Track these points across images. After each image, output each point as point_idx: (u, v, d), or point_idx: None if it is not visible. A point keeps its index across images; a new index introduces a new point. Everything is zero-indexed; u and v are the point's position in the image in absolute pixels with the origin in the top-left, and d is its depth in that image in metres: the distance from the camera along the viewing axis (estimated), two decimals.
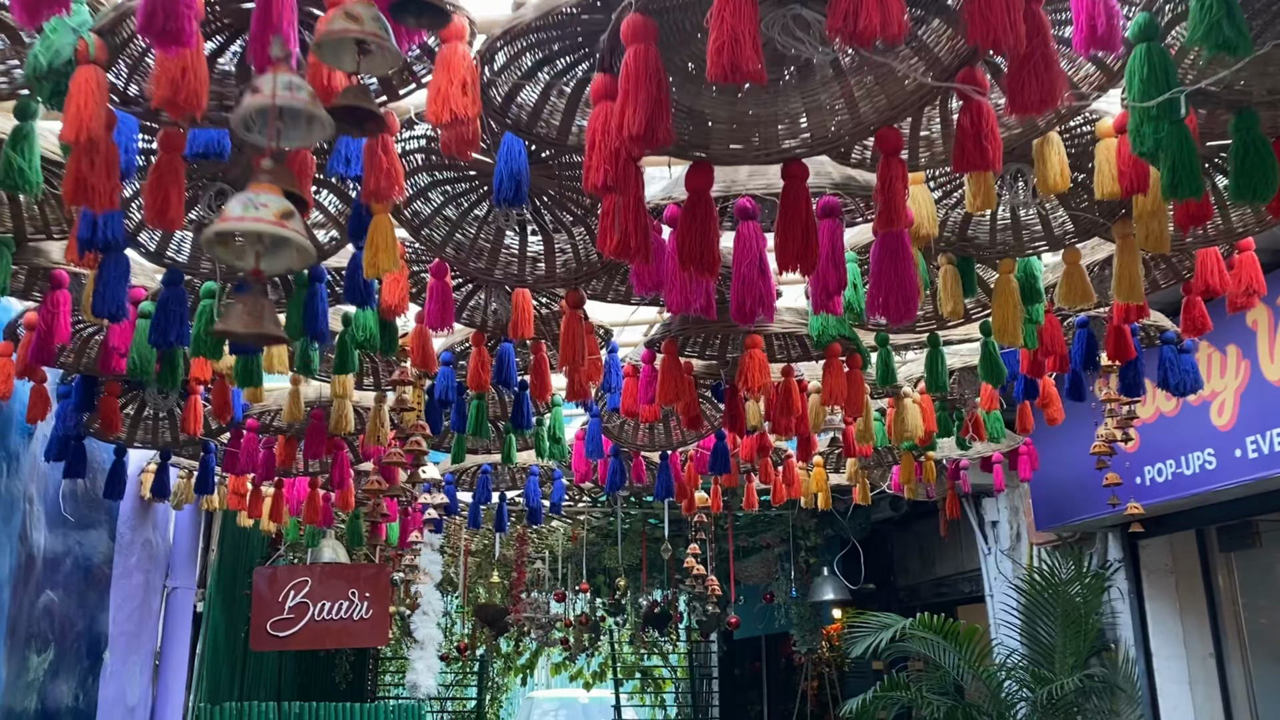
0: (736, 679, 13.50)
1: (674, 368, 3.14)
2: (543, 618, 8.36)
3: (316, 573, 6.75)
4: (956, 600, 8.25)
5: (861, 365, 3.34)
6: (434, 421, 3.62)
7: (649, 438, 4.69)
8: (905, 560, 9.05)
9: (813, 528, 7.96)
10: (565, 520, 8.03)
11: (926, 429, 4.39)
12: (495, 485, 5.68)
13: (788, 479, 5.37)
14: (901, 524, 8.88)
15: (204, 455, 4.23)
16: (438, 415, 3.64)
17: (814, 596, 7.83)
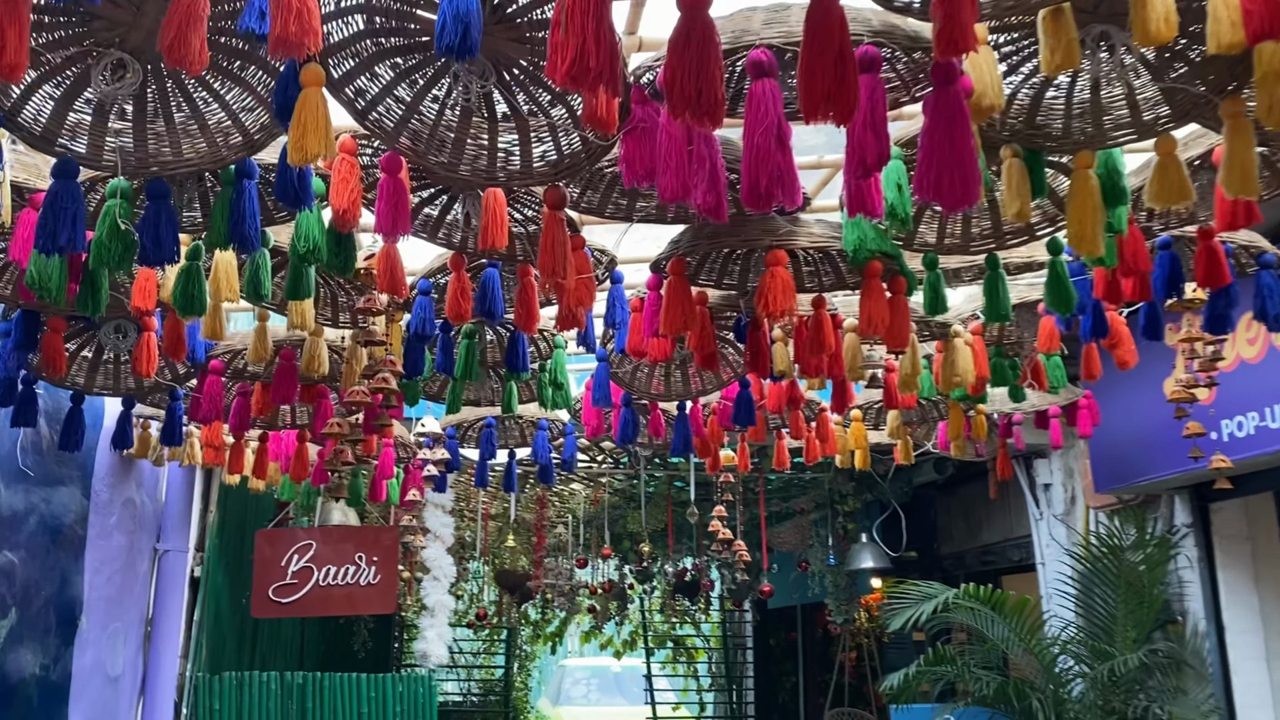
0: (771, 649, 13.09)
1: (681, 292, 2.66)
2: (565, 584, 7.96)
3: (322, 535, 6.38)
4: (1004, 569, 7.73)
5: (906, 291, 2.84)
6: (414, 361, 3.17)
7: (664, 386, 4.22)
8: (949, 526, 8.53)
9: (850, 491, 7.47)
10: (585, 482, 7.60)
11: (979, 374, 3.87)
12: (503, 441, 5.24)
13: (822, 435, 4.88)
14: (945, 488, 8.36)
15: (170, 403, 3.82)
16: (418, 354, 3.18)
17: (852, 564, 7.36)
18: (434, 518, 6.37)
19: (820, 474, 7.43)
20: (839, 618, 7.54)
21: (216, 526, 6.39)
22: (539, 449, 4.77)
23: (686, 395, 4.22)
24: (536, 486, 7.43)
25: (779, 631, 13.00)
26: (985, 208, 2.93)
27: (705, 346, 3.00)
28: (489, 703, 12.73)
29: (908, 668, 5.42)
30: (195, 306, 2.70)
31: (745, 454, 5.30)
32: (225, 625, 6.79)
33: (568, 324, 2.64)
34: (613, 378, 4.03)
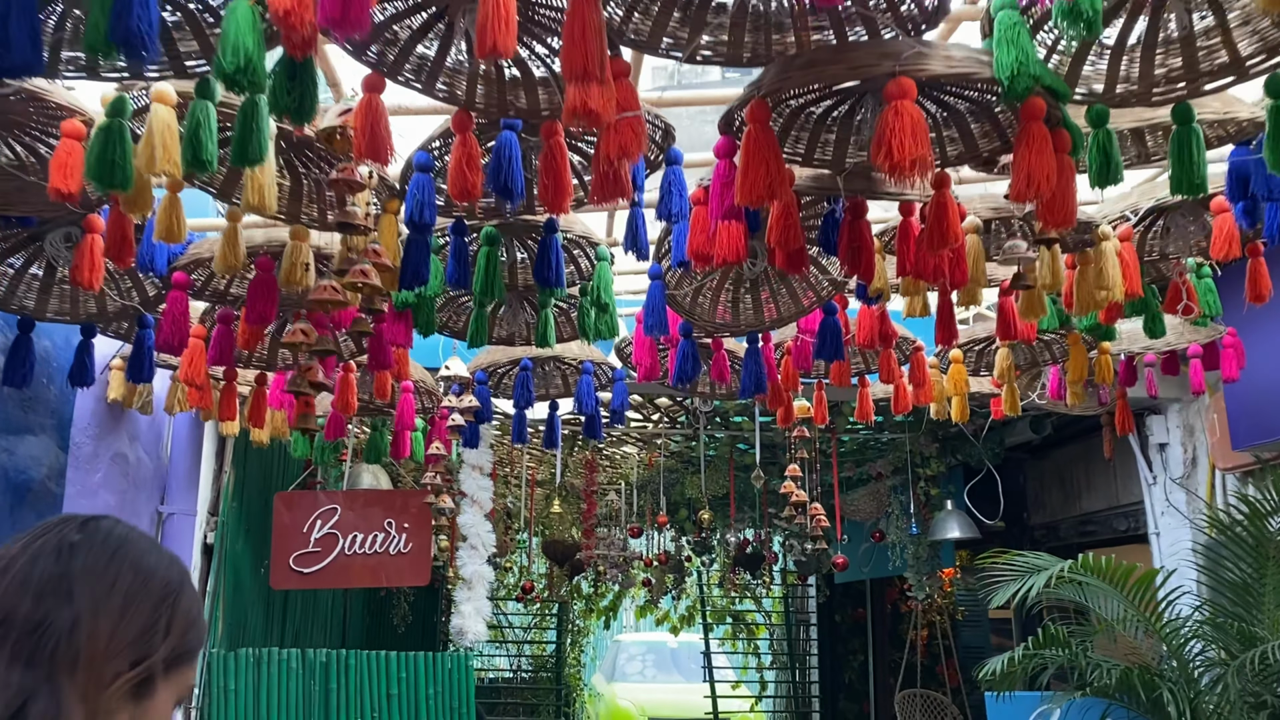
0: (837, 626, 12.37)
1: (763, 145, 1.93)
2: (618, 556, 7.30)
3: (347, 499, 5.78)
4: (1107, 540, 6.90)
5: (1071, 150, 2.08)
6: (415, 265, 2.48)
7: (731, 314, 3.48)
8: (1041, 494, 7.70)
9: (934, 454, 6.68)
10: (639, 443, 6.91)
11: (1129, 291, 3.09)
12: (543, 390, 4.56)
13: (916, 379, 4.12)
14: (1038, 451, 7.54)
15: (138, 331, 3.19)
16: (419, 255, 2.49)
17: (935, 534, 6.59)
18: (471, 480, 5.74)
19: (899, 435, 6.66)
20: (920, 593, 6.78)
21: (234, 488, 5.81)
22: (583, 396, 4.08)
23: (758, 326, 3.49)
24: (585, 447, 6.76)
25: (846, 608, 12.26)
26: (1175, 39, 2.16)
27: (789, 237, 2.26)
28: (540, 679, 12.18)
29: (1012, 651, 4.66)
30: (116, 178, 2.03)
31: (823, 404, 4.56)
32: (248, 598, 6.24)
33: (608, 190, 1.92)
34: (670, 303, 3.31)
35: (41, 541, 1.06)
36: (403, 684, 5.50)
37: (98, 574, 1.04)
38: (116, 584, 1.05)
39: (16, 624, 0.99)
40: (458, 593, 5.60)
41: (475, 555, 5.66)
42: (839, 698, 12.16)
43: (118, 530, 1.11)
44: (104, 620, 1.02)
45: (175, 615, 1.09)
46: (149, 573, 1.08)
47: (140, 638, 1.05)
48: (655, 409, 6.50)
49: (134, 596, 1.05)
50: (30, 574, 1.02)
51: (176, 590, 1.10)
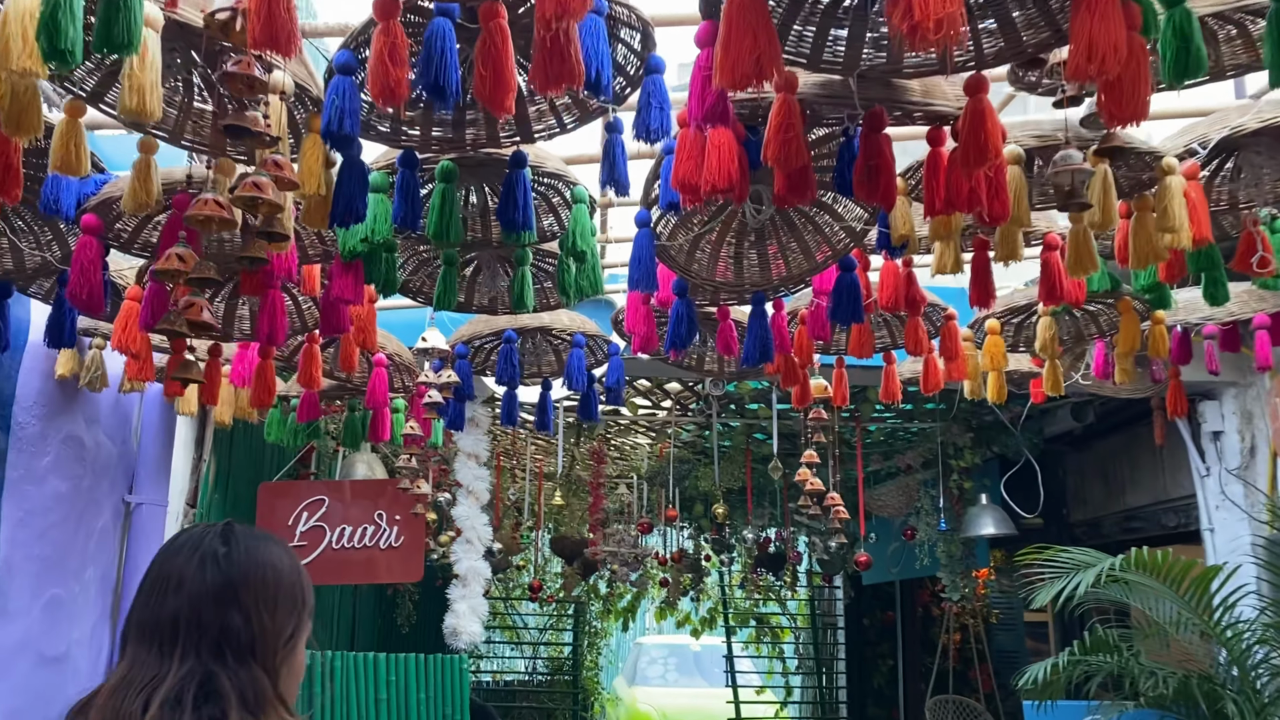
0: (865, 630, 11.88)
1: (751, 8, 1.51)
2: (629, 553, 6.90)
3: (335, 490, 5.42)
4: (1155, 538, 6.39)
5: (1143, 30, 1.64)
6: (348, 195, 2.09)
7: (734, 272, 3.06)
8: (1081, 488, 7.21)
9: (967, 444, 6.22)
10: (648, 432, 6.50)
11: (1197, 236, 2.64)
12: (534, 368, 4.17)
13: (948, 351, 3.67)
14: (1078, 442, 7.05)
15: (58, 290, 2.82)
16: (353, 183, 2.10)
17: (968, 531, 6.12)
18: (466, 470, 5.36)
19: (930, 424, 6.21)
20: (954, 594, 6.31)
21: (217, 478, 5.46)
22: (573, 372, 3.67)
23: (764, 284, 3.06)
24: (591, 437, 6.36)
25: (874, 610, 11.77)
26: None
27: (791, 151, 1.85)
28: (556, 682, 11.79)
29: (1055, 657, 4.20)
30: None
31: (843, 382, 4.13)
32: None
33: (552, 70, 1.52)
34: (663, 258, 2.90)
35: (198, 555, 1.35)
36: (391, 687, 5.13)
37: (252, 580, 1.35)
38: (266, 584, 1.36)
39: (207, 627, 1.29)
40: (452, 590, 5.21)
41: (471, 550, 5.27)
42: (867, 704, 11.68)
43: (248, 536, 1.41)
44: (266, 615, 1.34)
45: (303, 592, 1.44)
46: (281, 568, 1.40)
47: (289, 617, 1.38)
48: (665, 394, 6.09)
49: (280, 590, 1.37)
50: (203, 585, 1.32)
51: (298, 574, 1.44)
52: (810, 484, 4.21)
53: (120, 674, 1.30)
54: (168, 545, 1.41)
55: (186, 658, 1.28)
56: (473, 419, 5.44)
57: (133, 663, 1.30)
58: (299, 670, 1.44)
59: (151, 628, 1.32)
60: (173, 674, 1.26)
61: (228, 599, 1.33)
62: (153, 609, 1.33)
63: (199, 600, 1.32)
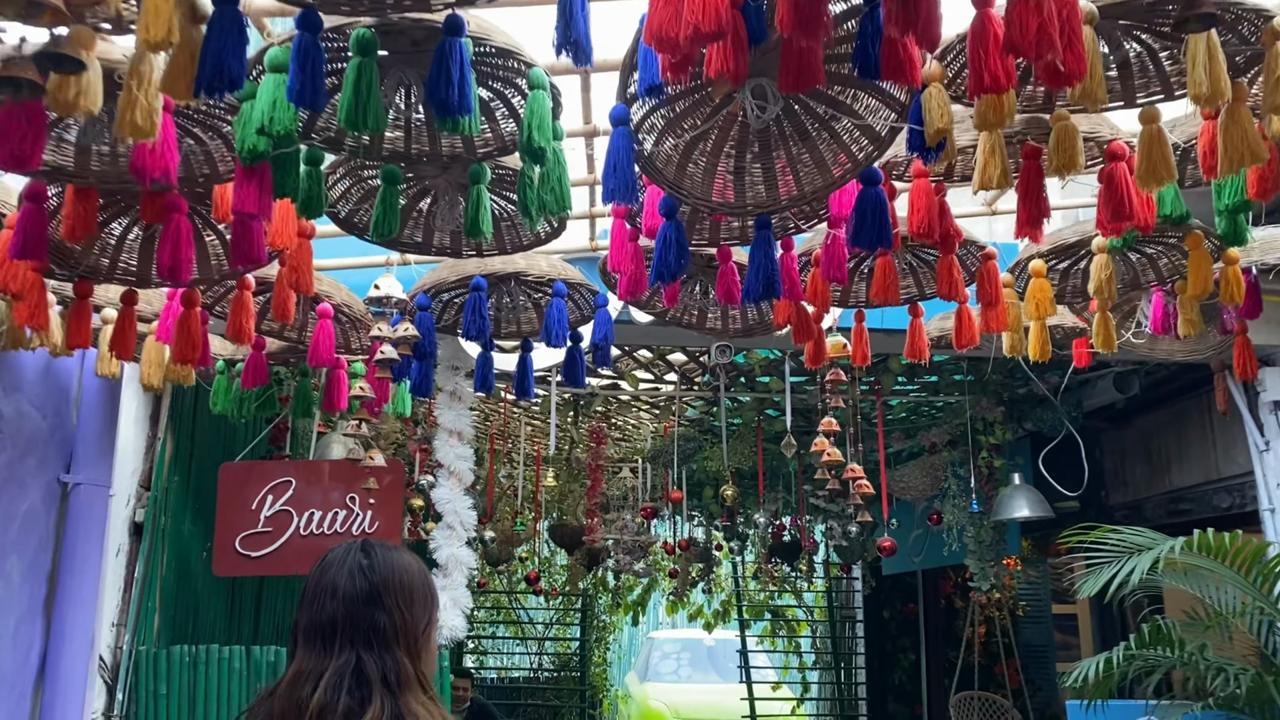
0: (886, 623, 11.35)
1: None
2: (631, 541, 6.39)
3: (304, 471, 4.94)
4: (1205, 520, 5.82)
5: None
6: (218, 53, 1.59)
7: (735, 191, 2.54)
8: (1123, 468, 6.66)
9: (999, 419, 5.68)
10: (650, 408, 5.99)
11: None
12: (511, 326, 3.67)
13: (986, 296, 3.15)
14: (1120, 418, 6.50)
15: None
16: (226, 36, 1.60)
17: (1000, 514, 5.59)
18: (447, 449, 4.88)
19: (958, 396, 5.68)
20: (983, 583, 5.78)
21: (176, 458, 4.99)
22: (551, 326, 3.17)
23: (770, 204, 2.54)
24: (588, 414, 5.86)
25: (895, 602, 11.24)
26: None
27: (806, 12, 1.33)
28: (564, 678, 11.30)
29: (1111, 652, 3.67)
30: None
31: (863, 340, 3.61)
32: (201, 586, 5.42)
33: None
34: (648, 172, 2.39)
35: (347, 568, 1.67)
36: None
37: (391, 584, 1.66)
38: (403, 586, 1.68)
39: (359, 623, 1.61)
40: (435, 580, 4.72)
41: (452, 537, 4.78)
42: (888, 700, 11.15)
43: (383, 548, 1.73)
44: (404, 611, 1.65)
45: (431, 590, 1.77)
46: (412, 572, 1.72)
47: (423, 611, 1.71)
48: (668, 366, 5.58)
49: (414, 590, 1.70)
50: (354, 591, 1.63)
51: (425, 575, 1.76)
52: (828, 454, 3.70)
53: (295, 669, 1.60)
54: (322, 562, 1.70)
55: (343, 650, 1.57)
56: (455, 392, 4.95)
57: (303, 658, 1.60)
58: (434, 654, 1.75)
59: (316, 629, 1.60)
60: (333, 665, 1.55)
61: (374, 600, 1.62)
62: (315, 614, 1.62)
63: (351, 604, 1.61)
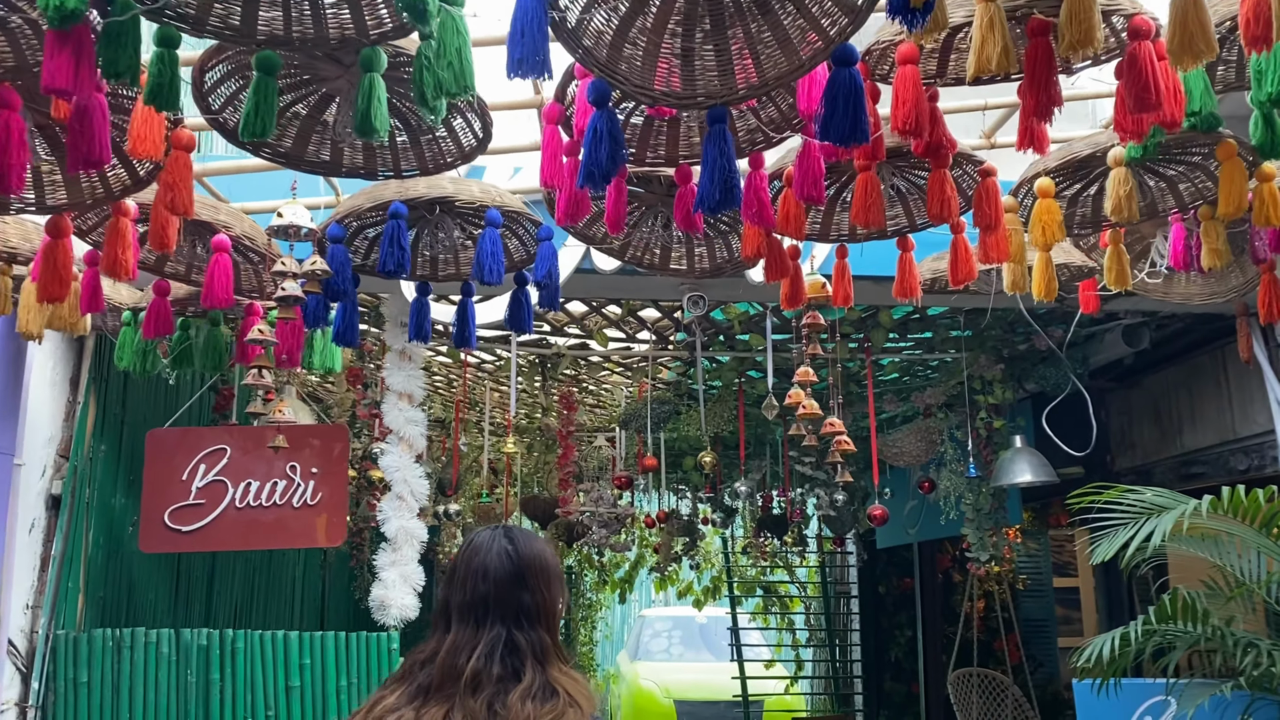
0: (882, 598, 10.98)
1: None
2: (606, 513, 5.99)
3: (239, 437, 4.52)
4: (1221, 483, 5.44)
5: None
6: None
7: (682, 79, 2.11)
8: (1130, 430, 6.26)
9: (998, 377, 5.27)
10: (622, 370, 5.57)
11: None
12: (444, 257, 3.24)
13: (984, 218, 2.72)
14: (1127, 377, 6.09)
15: None
16: None
17: (1000, 479, 5.18)
18: (396, 412, 4.47)
19: (952, 353, 5.27)
20: (981, 554, 5.39)
21: (101, 424, 4.58)
22: (484, 259, 2.74)
23: (725, 94, 2.11)
24: (555, 376, 5.44)
25: (890, 577, 10.87)
26: None
27: None
28: None
29: (1125, 628, 3.27)
30: None
31: (845, 278, 3.18)
32: (138, 565, 5.02)
33: None
34: (567, 43, 1.96)
35: (494, 552, 1.82)
36: (306, 672, 4.26)
37: (534, 567, 1.81)
38: (543, 569, 1.82)
39: (508, 602, 1.75)
40: (380, 556, 4.32)
41: (402, 508, 4.37)
42: (884, 678, 10.80)
43: (523, 535, 1.87)
44: (544, 591, 1.80)
45: (562, 574, 1.89)
46: (548, 556, 1.86)
47: (558, 592, 1.85)
48: (640, 324, 5.15)
49: (551, 572, 1.84)
50: (502, 573, 1.78)
51: (558, 560, 1.91)
52: (805, 408, 3.28)
53: (452, 640, 1.74)
54: (469, 545, 1.86)
55: (494, 626, 1.74)
56: (403, 351, 4.53)
57: (458, 632, 1.75)
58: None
59: (469, 607, 1.77)
60: (485, 637, 1.73)
61: (519, 582, 1.79)
62: (469, 593, 1.77)
63: (500, 585, 1.77)
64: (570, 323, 5.10)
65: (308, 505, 4.45)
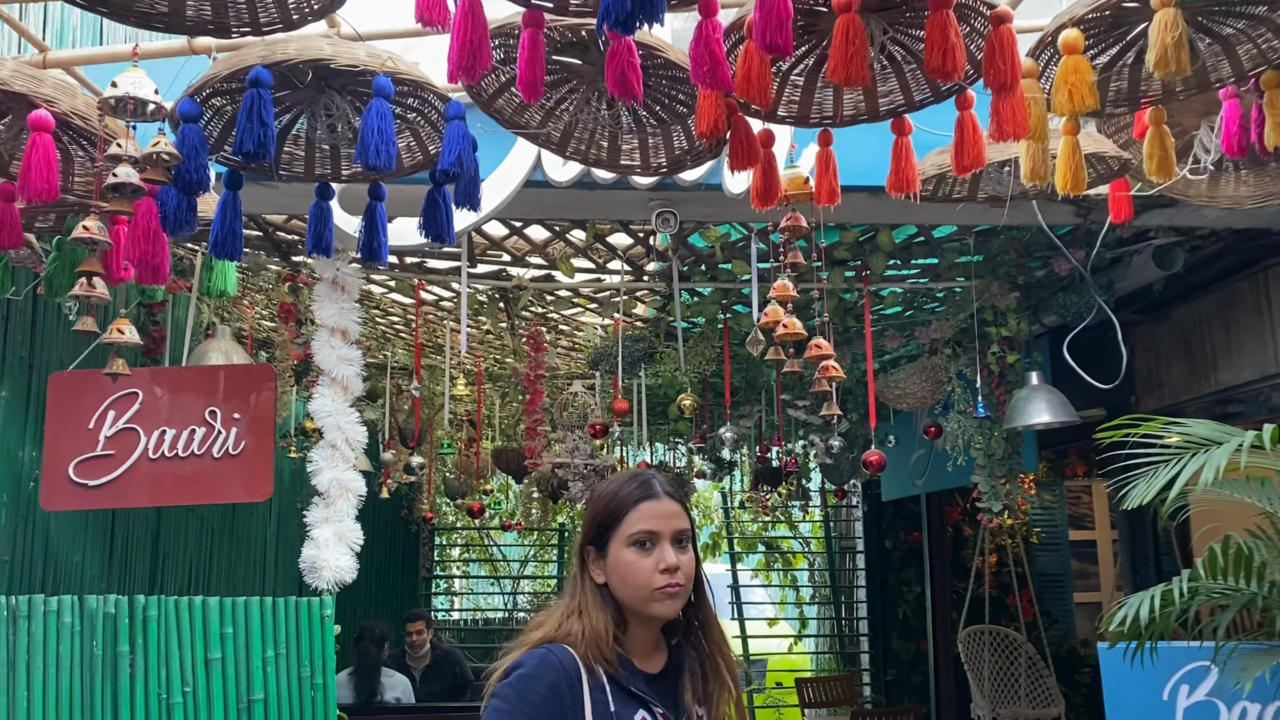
0: (888, 553, 10.51)
1: None
2: (583, 464, 5.48)
3: (153, 380, 4.01)
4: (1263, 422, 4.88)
5: None
6: None
7: None
8: (1158, 368, 5.70)
9: (1012, 306, 4.70)
10: (593, 305, 5.03)
11: None
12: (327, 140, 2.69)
13: (998, 76, 2.14)
14: (1155, 307, 5.52)
15: None
16: None
17: (1015, 420, 4.64)
18: (327, 350, 3.94)
19: (958, 281, 4.70)
20: (994, 503, 4.85)
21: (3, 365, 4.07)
22: (370, 138, 2.19)
23: None
24: (515, 313, 4.89)
25: (897, 531, 10.38)
26: None
27: None
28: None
29: (1168, 584, 2.74)
30: None
31: (829, 167, 2.62)
32: (58, 525, 4.54)
33: None
34: None
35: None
36: (228, 643, 3.76)
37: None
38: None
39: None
40: (311, 512, 3.81)
41: (335, 458, 3.86)
42: (891, 636, 10.35)
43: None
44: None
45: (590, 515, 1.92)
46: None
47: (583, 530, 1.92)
48: (610, 252, 4.60)
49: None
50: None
51: (594, 499, 1.93)
52: (785, 326, 2.73)
53: None
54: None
55: None
56: (336, 281, 4.00)
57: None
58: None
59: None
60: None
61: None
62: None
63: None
64: (531, 251, 4.55)
65: (229, 456, 3.94)
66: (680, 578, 1.80)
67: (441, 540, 10.68)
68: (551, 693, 1.68)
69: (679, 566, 1.80)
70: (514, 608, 10.74)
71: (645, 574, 1.78)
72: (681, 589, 1.81)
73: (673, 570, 1.79)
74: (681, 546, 1.83)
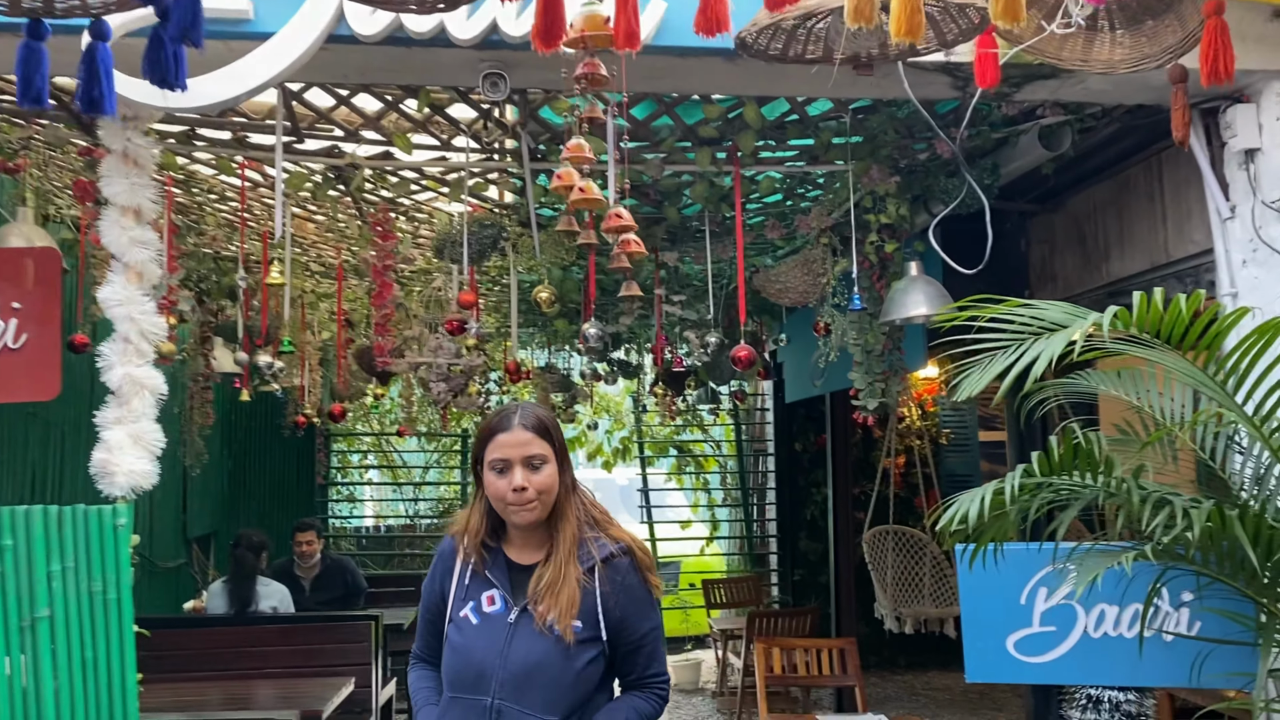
0: (798, 456, 10.41)
1: None
2: (445, 364, 5.12)
3: None
4: None
5: None
6: None
7: None
8: (1051, 259, 5.46)
9: (892, 190, 4.37)
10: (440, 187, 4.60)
11: None
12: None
13: None
14: (1049, 197, 5.26)
15: None
16: None
17: (891, 313, 4.36)
18: (115, 231, 3.46)
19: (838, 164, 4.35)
20: (869, 401, 4.61)
21: None
22: None
23: None
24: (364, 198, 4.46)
25: (807, 434, 10.26)
26: None
27: None
28: (444, 525, 10.27)
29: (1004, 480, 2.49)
30: None
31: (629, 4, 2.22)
32: None
33: None
34: None
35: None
36: (8, 555, 3.39)
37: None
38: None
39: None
40: (103, 413, 3.42)
41: (129, 352, 3.45)
42: (800, 537, 10.31)
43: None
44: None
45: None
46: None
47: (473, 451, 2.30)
48: (452, 126, 4.16)
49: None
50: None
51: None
52: (580, 191, 2.36)
53: None
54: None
55: None
56: (126, 153, 3.52)
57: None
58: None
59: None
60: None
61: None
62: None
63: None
64: (365, 125, 4.10)
65: (9, 350, 3.51)
66: (530, 495, 2.15)
67: (342, 447, 10.33)
68: (440, 562, 2.30)
69: (527, 487, 2.15)
70: (416, 515, 10.47)
71: (500, 492, 2.16)
72: (533, 503, 2.16)
73: (520, 490, 2.14)
74: (534, 469, 2.16)
